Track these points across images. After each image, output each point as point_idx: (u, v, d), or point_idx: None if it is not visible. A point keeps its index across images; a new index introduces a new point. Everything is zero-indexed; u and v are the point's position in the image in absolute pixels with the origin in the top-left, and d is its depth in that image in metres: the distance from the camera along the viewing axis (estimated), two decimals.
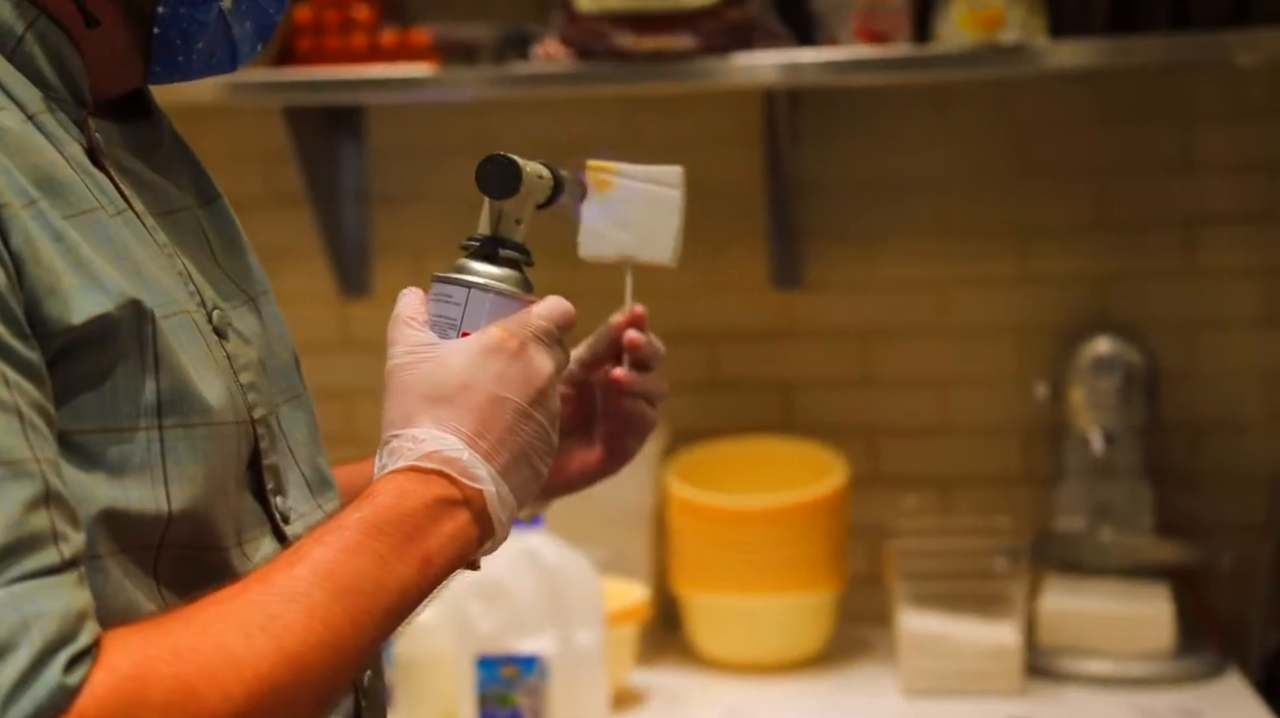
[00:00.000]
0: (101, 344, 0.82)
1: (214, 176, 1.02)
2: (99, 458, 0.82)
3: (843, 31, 2.10)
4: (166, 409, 0.85)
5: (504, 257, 0.98)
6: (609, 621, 1.95)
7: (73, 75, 0.89)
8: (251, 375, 0.94)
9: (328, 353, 2.40)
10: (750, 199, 2.32)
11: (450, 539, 0.88)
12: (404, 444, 0.90)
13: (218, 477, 0.87)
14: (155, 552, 0.84)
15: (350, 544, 0.84)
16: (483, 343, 0.93)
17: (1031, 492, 2.28)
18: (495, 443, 0.92)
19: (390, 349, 0.95)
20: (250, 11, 0.96)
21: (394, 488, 0.88)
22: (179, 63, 0.94)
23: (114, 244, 0.85)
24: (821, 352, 2.33)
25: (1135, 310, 2.26)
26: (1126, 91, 2.26)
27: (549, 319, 0.96)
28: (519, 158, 1.00)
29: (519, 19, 2.17)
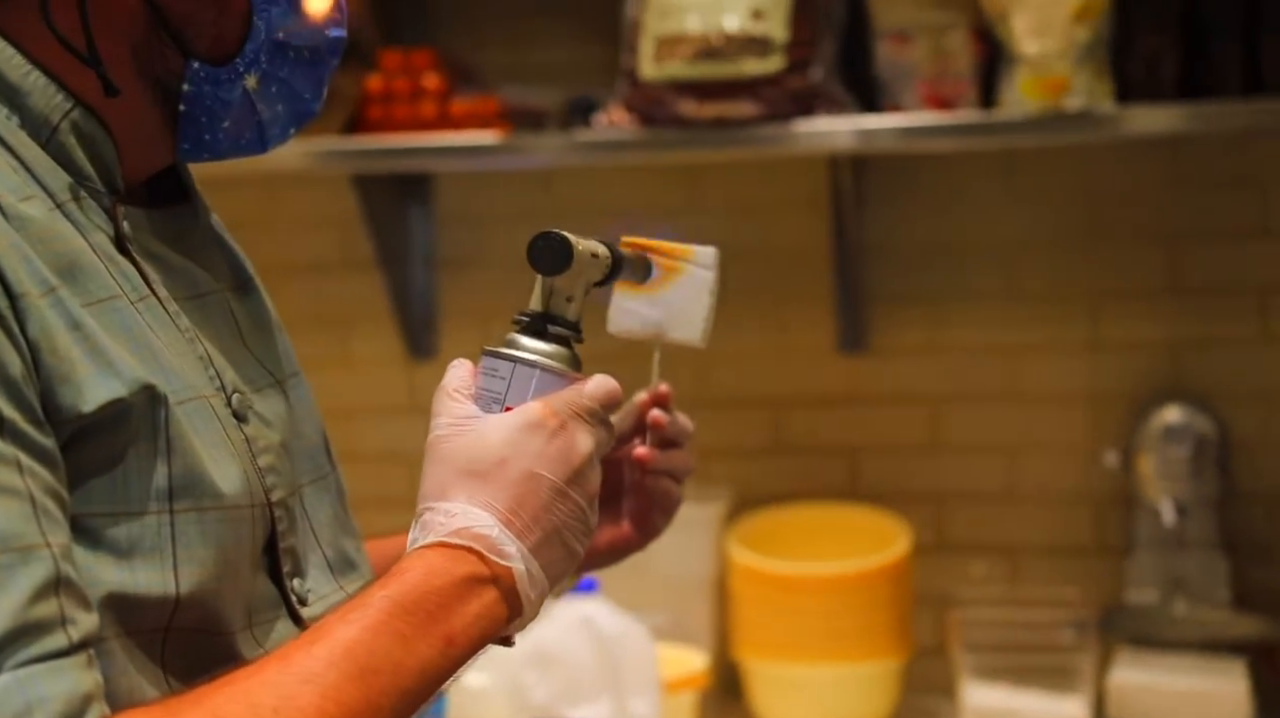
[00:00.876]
0: (114, 429, 0.83)
1: (289, 243, 1.02)
2: (108, 541, 0.82)
3: (907, 98, 2.10)
4: (178, 493, 0.85)
5: (552, 333, 0.97)
6: (667, 688, 1.94)
7: (105, 163, 0.91)
8: (271, 458, 0.94)
9: (394, 415, 2.42)
10: (816, 264, 2.31)
11: (476, 618, 0.87)
12: (436, 518, 0.90)
13: (229, 560, 0.88)
14: (162, 635, 0.85)
15: (372, 623, 0.83)
16: (523, 419, 0.92)
17: (1102, 563, 2.23)
18: (529, 520, 0.90)
19: (433, 420, 0.95)
20: (281, 95, 0.97)
21: (422, 565, 0.87)
22: (206, 141, 0.96)
23: (132, 331, 0.86)
24: (888, 417, 2.31)
25: (1208, 378, 2.21)
26: (1200, 157, 2.22)
27: (593, 398, 0.95)
28: (572, 235, 0.99)
29: (585, 87, 2.19)
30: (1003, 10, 2.00)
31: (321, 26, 0.97)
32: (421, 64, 2.18)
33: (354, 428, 2.42)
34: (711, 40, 2.02)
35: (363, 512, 1.46)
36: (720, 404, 2.32)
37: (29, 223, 0.84)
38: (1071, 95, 1.98)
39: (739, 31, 2.01)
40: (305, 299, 2.40)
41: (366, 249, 2.34)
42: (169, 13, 0.91)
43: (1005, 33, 2.01)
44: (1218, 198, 2.23)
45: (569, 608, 1.86)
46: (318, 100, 1.00)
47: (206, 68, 0.93)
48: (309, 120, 1.00)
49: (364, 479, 2.29)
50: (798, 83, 2.02)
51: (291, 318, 2.42)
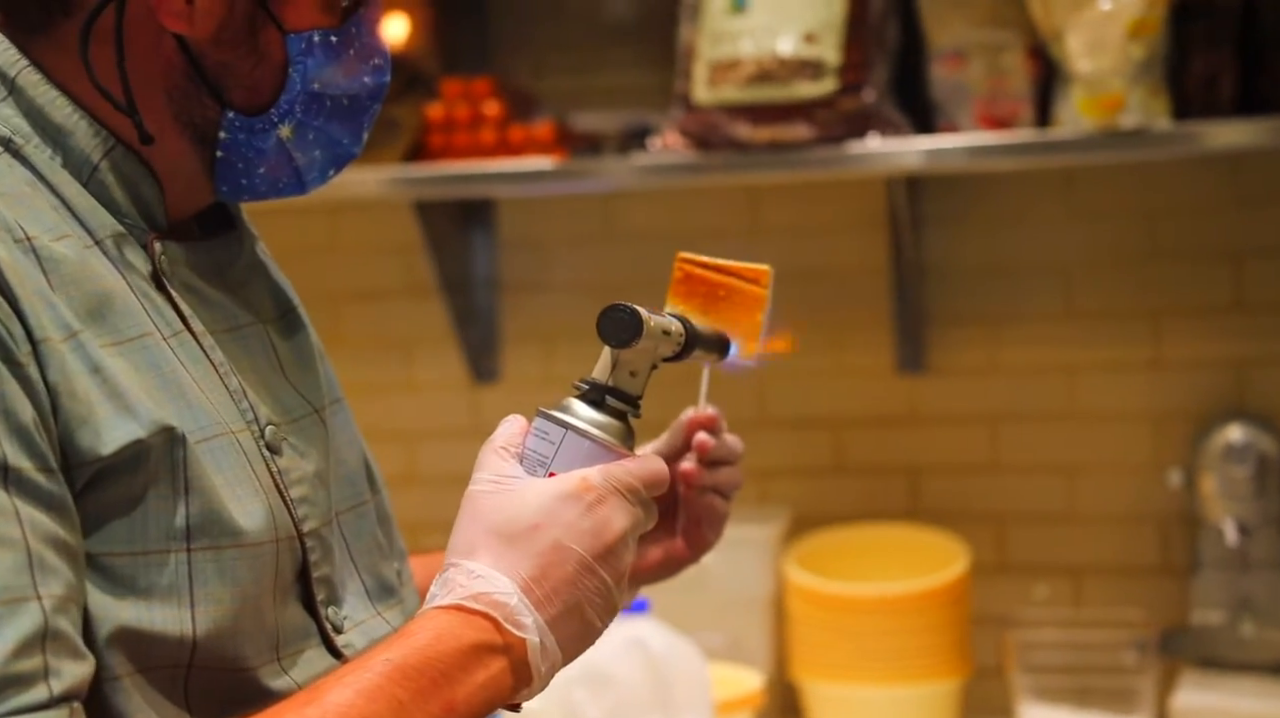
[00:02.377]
0: (133, 470, 0.83)
1: (354, 270, 1.02)
2: (126, 580, 0.83)
3: (963, 118, 2.08)
4: (195, 533, 0.85)
5: (610, 405, 0.95)
6: (720, 709, 1.93)
7: (145, 200, 0.92)
8: (304, 489, 0.94)
9: (459, 438, 2.43)
10: (874, 284, 2.30)
11: (481, 688, 0.85)
12: (458, 578, 0.88)
13: (248, 598, 0.87)
14: (184, 672, 0.85)
15: (368, 688, 0.81)
16: (563, 488, 0.90)
17: (1166, 583, 2.20)
18: (550, 592, 0.88)
19: (475, 473, 0.92)
20: (318, 142, 0.97)
21: (432, 627, 0.86)
22: (244, 185, 0.97)
23: (161, 369, 0.87)
24: (947, 437, 2.29)
25: (1272, 397, 2.18)
26: (1261, 172, 2.19)
27: (637, 477, 0.92)
28: (644, 310, 0.97)
29: (641, 112, 2.20)
30: (1057, 29, 1.98)
31: (360, 74, 0.97)
32: (481, 92, 2.21)
33: (417, 451, 2.45)
34: (765, 64, 2.02)
35: (424, 534, 1.48)
36: (780, 424, 2.31)
37: (61, 263, 0.85)
38: (1127, 113, 1.96)
39: (792, 55, 2.01)
40: (369, 324, 2.42)
41: (429, 274, 2.36)
42: (205, 62, 0.92)
43: (1060, 51, 1.99)
44: (1279, 214, 2.18)
45: (620, 628, 1.86)
46: (357, 144, 0.99)
47: (241, 117, 0.94)
48: (348, 162, 1.00)
49: (427, 503, 2.31)
50: (851, 104, 2.01)
51: (356, 343, 2.48)
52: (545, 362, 2.42)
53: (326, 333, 1.10)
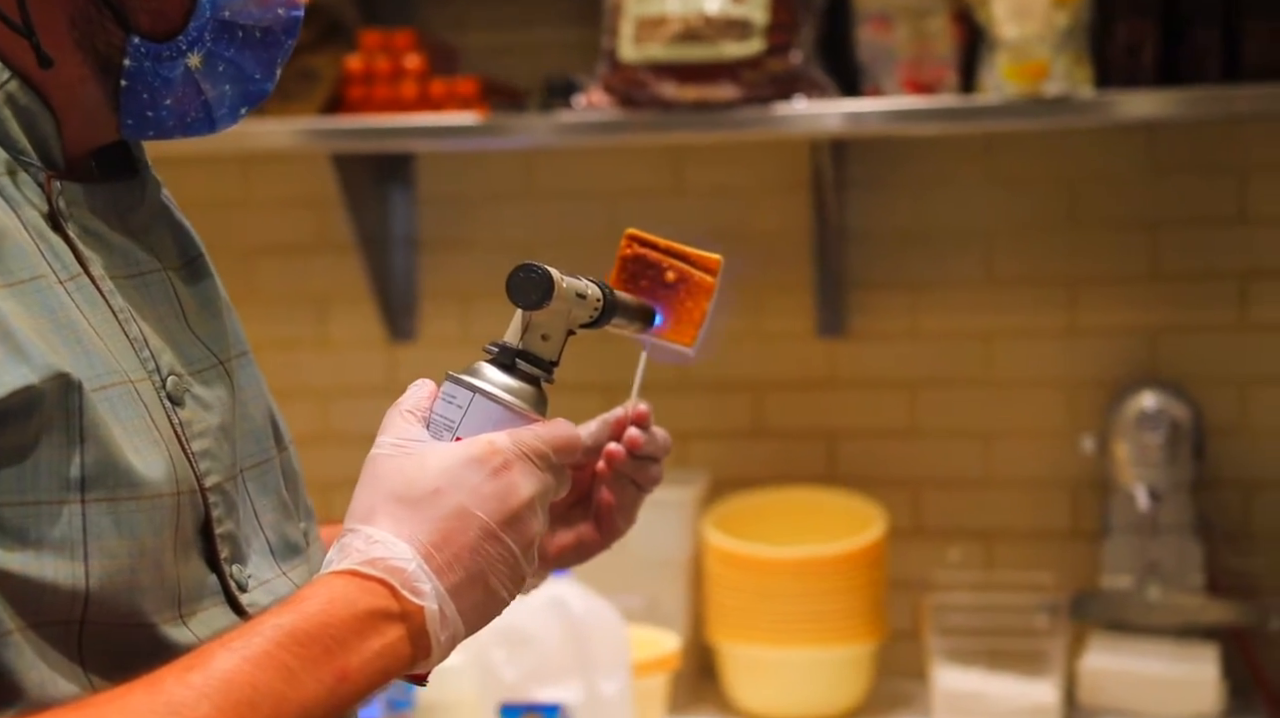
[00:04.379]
0: (24, 417, 0.79)
1: (267, 223, 0.97)
2: (16, 531, 0.78)
3: (887, 82, 2.07)
4: (91, 484, 0.81)
5: (521, 369, 0.92)
6: (637, 670, 1.92)
7: (42, 137, 0.88)
8: (207, 442, 0.90)
9: (374, 397, 2.37)
10: (796, 248, 2.29)
11: (376, 656, 0.81)
12: (354, 542, 0.84)
13: (147, 551, 0.83)
14: (78, 628, 0.81)
15: (256, 654, 0.78)
16: (467, 452, 0.87)
17: (1077, 548, 2.21)
18: (451, 558, 0.84)
19: (378, 437, 0.89)
20: (229, 75, 0.93)
21: (325, 593, 0.82)
22: (149, 118, 0.92)
23: (55, 313, 0.83)
24: (866, 402, 2.28)
25: (1186, 365, 2.19)
26: (1179, 142, 2.20)
27: (547, 441, 0.89)
28: (557, 271, 0.93)
29: (564, 68, 2.15)
30: None
31: (274, 5, 0.93)
32: (402, 44, 2.15)
33: (331, 410, 2.39)
34: (691, 22, 1.99)
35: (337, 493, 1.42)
36: (699, 387, 2.29)
37: None
38: (1051, 80, 1.95)
39: (719, 14, 1.99)
40: (283, 279, 2.36)
41: (346, 230, 2.30)
42: None
43: (985, 17, 1.99)
44: (1196, 184, 2.20)
45: (540, 588, 1.82)
46: (270, 81, 0.94)
47: (148, 43, 0.89)
48: (260, 100, 0.95)
49: (342, 462, 2.24)
50: (778, 66, 1.99)
51: (269, 298, 2.41)
52: (463, 321, 2.37)
53: (239, 288, 1.06)
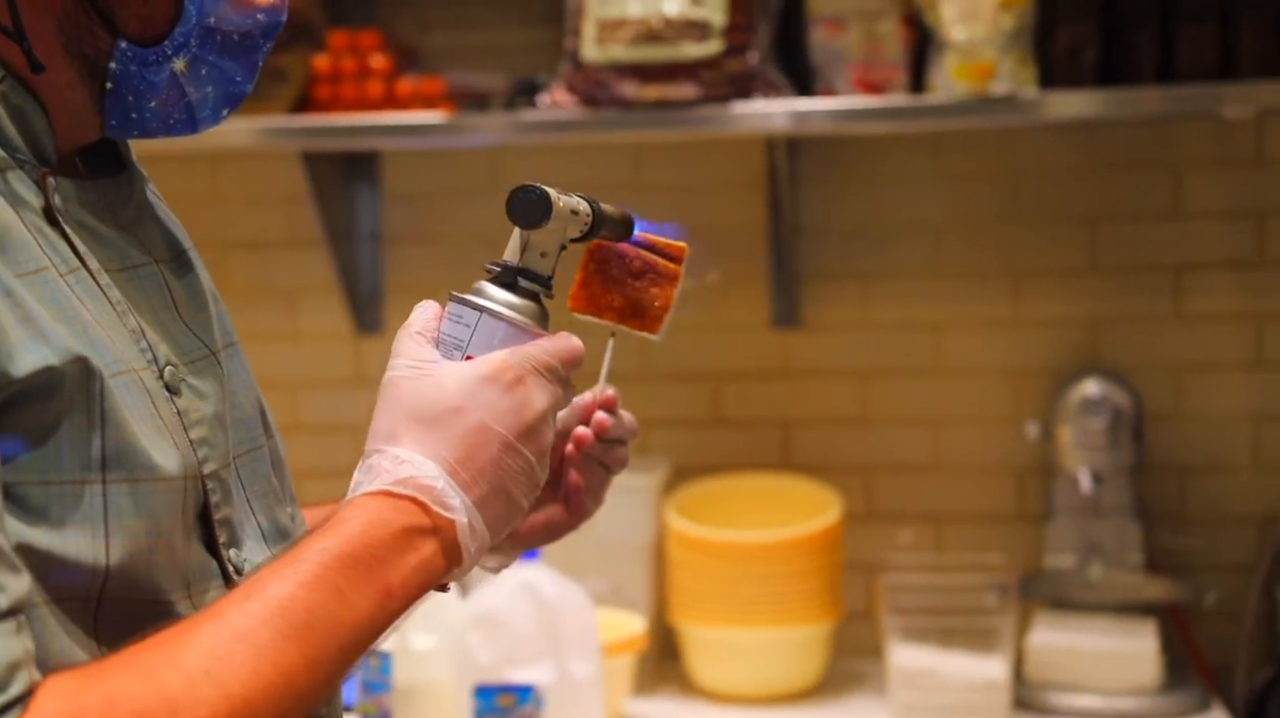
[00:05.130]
0: (46, 398, 0.79)
1: (237, 220, 0.97)
2: (40, 509, 0.79)
3: (840, 82, 2.09)
4: (111, 464, 0.82)
5: (523, 287, 0.94)
6: (605, 651, 1.92)
7: (36, 135, 0.88)
8: (204, 431, 0.91)
9: (342, 388, 2.38)
10: (752, 242, 2.30)
11: (414, 571, 0.84)
12: (383, 463, 0.86)
13: (162, 531, 0.84)
14: (95, 604, 0.81)
15: (307, 579, 0.80)
16: (480, 370, 0.89)
17: (1022, 530, 2.24)
18: (475, 473, 0.87)
19: (391, 359, 0.91)
20: (211, 78, 0.93)
21: (362, 515, 0.84)
22: (134, 119, 0.92)
23: (61, 304, 0.83)
24: (819, 391, 2.30)
25: (1125, 354, 2.23)
26: (1117, 141, 2.23)
27: (554, 355, 0.91)
28: (554, 190, 0.96)
29: (529, 68, 2.16)
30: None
31: (254, 10, 0.93)
32: (368, 45, 2.14)
33: (300, 400, 2.39)
34: (652, 24, 2.00)
35: (307, 482, 1.43)
36: (660, 377, 2.30)
37: None
38: (997, 80, 1.98)
39: (679, 16, 1.99)
40: (252, 274, 2.35)
41: (314, 226, 2.29)
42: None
43: (934, 20, 2.01)
44: (1133, 180, 2.23)
45: (512, 574, 1.84)
46: (250, 82, 0.95)
47: (134, 48, 0.89)
48: (240, 101, 0.96)
49: (310, 451, 2.26)
50: (735, 66, 2.00)
51: (239, 292, 2.41)
52: None
53: None
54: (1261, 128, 2.20)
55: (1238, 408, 2.22)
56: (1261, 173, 2.21)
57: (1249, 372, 2.22)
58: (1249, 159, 2.21)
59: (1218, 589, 2.11)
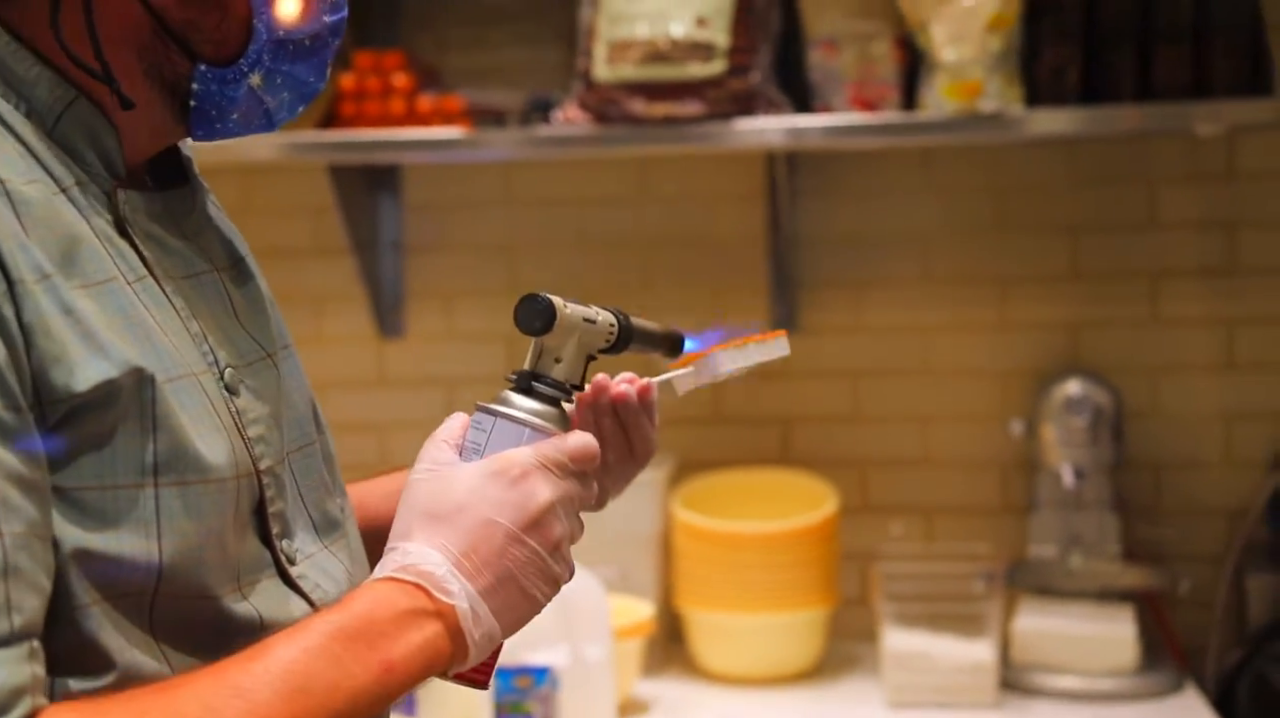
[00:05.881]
0: (104, 408, 0.81)
1: (266, 229, 0.98)
2: (96, 513, 0.80)
3: (837, 99, 2.11)
4: (163, 468, 0.83)
5: (539, 391, 0.94)
6: (616, 635, 1.94)
7: (107, 151, 0.89)
8: (260, 429, 0.92)
9: (366, 389, 2.41)
10: (753, 251, 2.33)
11: (418, 650, 0.84)
12: (393, 557, 0.88)
13: (211, 530, 0.86)
14: (150, 600, 0.83)
15: (311, 646, 0.81)
16: (488, 468, 0.89)
17: (1008, 521, 2.26)
18: (480, 564, 0.87)
19: (414, 465, 0.92)
20: (287, 84, 0.94)
21: (370, 596, 0.85)
22: (218, 129, 0.94)
23: (128, 312, 0.85)
24: (816, 391, 2.33)
25: (1104, 356, 2.25)
26: (1097, 156, 2.26)
27: (562, 451, 0.90)
28: (560, 299, 0.95)
29: (543, 87, 2.19)
30: (923, 21, 2.02)
31: (318, 15, 0.94)
32: (391, 65, 2.17)
33: (326, 401, 2.35)
34: (660, 45, 2.03)
35: None
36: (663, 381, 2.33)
37: (32, 205, 0.81)
38: (985, 98, 2.01)
39: (685, 37, 2.02)
40: (280, 282, 2.31)
41: (339, 235, 2.32)
42: (170, 20, 0.89)
43: (925, 41, 2.03)
44: (1112, 193, 2.26)
45: None
46: (322, 80, 0.96)
47: (212, 69, 0.91)
48: (315, 97, 0.97)
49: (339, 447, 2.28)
50: (738, 85, 2.03)
51: None
52: (447, 319, 2.40)
53: None
54: (1232, 144, 2.23)
55: (1210, 407, 2.25)
56: (1232, 186, 2.24)
57: (1221, 373, 2.25)
58: (1220, 173, 2.24)
59: (1191, 578, 2.14)
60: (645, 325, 1.02)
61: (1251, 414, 2.24)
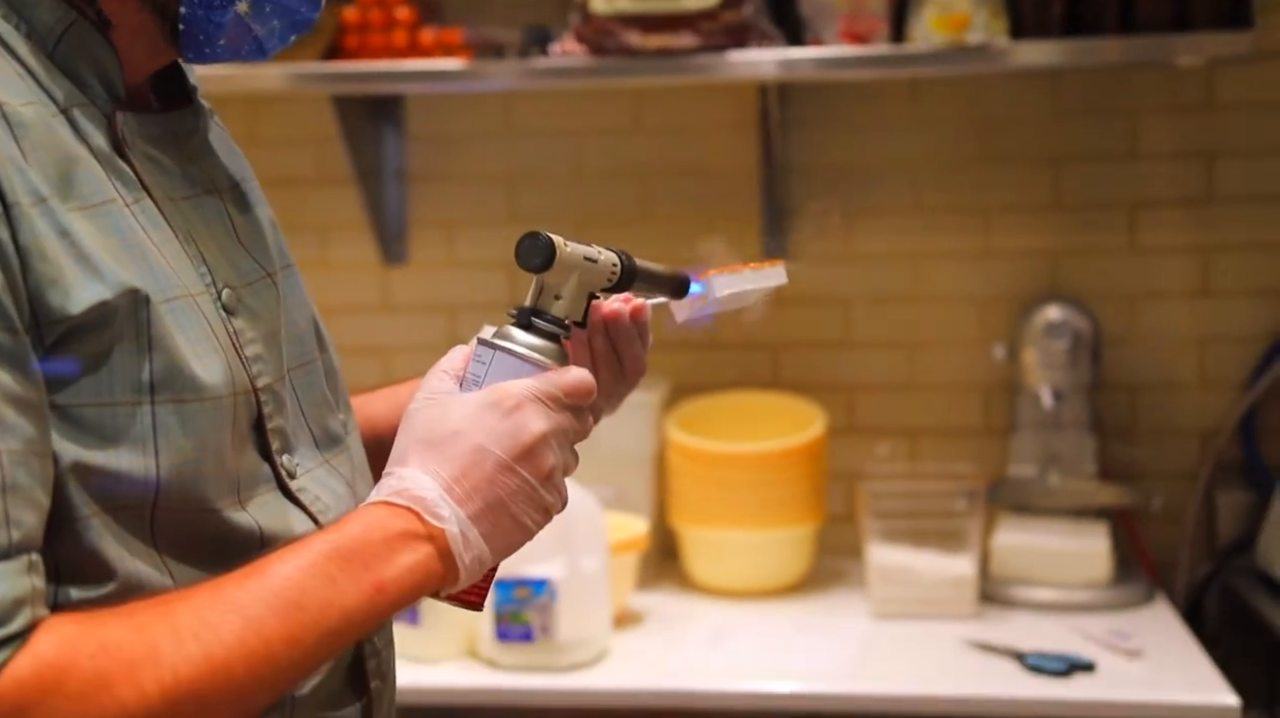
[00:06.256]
0: (100, 329, 0.81)
1: (272, 159, 0.97)
2: (95, 428, 0.81)
3: (828, 32, 2.11)
4: (159, 387, 0.83)
5: (537, 327, 0.94)
6: (612, 550, 1.97)
7: (106, 72, 0.88)
8: (259, 348, 0.92)
9: (370, 314, 2.43)
10: (745, 181, 2.33)
11: (409, 571, 0.84)
12: (388, 481, 0.88)
13: (209, 446, 0.86)
14: (150, 512, 0.83)
15: (305, 564, 0.81)
16: (483, 398, 0.89)
17: (989, 442, 2.29)
18: (470, 489, 0.86)
19: (415, 394, 0.92)
20: (275, 12, 0.93)
21: (364, 519, 0.85)
22: (206, 53, 0.92)
23: (124, 233, 0.84)
24: (806, 317, 2.34)
25: (1083, 282, 2.27)
26: (1079, 87, 2.26)
27: (557, 385, 0.90)
28: (561, 238, 0.94)
29: (541, 20, 2.19)
30: None
31: None
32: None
33: (333, 326, 2.34)
34: None
35: None
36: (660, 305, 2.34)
37: (30, 128, 0.81)
38: (971, 31, 2.01)
39: None
40: (287, 210, 2.33)
41: (344, 165, 2.33)
42: None
43: None
44: (1094, 124, 2.27)
45: None
46: (315, 10, 0.95)
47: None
48: (308, 27, 0.95)
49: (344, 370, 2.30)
50: (732, 17, 2.03)
51: None
52: (449, 246, 2.41)
53: None
54: (1211, 76, 2.23)
55: (1185, 332, 2.27)
56: (1211, 117, 2.24)
57: (1196, 299, 2.27)
58: (1199, 104, 2.24)
59: (1163, 495, 2.18)
60: (649, 266, 1.01)
61: (1225, 338, 2.26)
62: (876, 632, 2.01)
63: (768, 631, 2.03)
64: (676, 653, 1.95)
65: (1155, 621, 2.02)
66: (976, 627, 2.00)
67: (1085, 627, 1.98)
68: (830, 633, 2.01)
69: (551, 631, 1.84)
